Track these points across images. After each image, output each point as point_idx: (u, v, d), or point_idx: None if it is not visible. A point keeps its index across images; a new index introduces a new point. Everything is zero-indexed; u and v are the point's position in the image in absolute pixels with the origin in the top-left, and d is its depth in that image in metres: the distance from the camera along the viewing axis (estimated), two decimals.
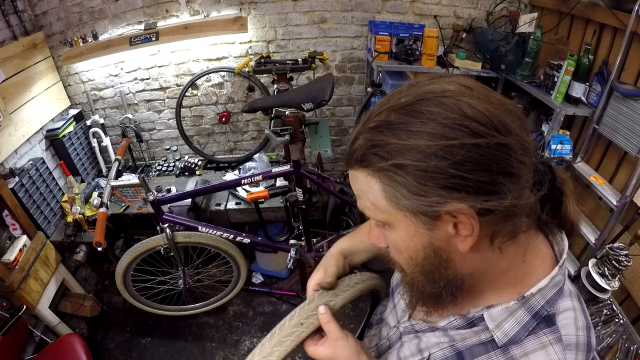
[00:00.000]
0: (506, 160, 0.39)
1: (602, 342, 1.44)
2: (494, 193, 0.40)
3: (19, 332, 1.73)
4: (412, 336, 0.61)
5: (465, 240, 0.43)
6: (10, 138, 1.94)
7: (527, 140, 0.42)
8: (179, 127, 2.51)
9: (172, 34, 2.21)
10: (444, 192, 0.40)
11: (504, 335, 0.49)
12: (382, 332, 0.71)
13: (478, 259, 0.47)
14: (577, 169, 1.77)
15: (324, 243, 2.02)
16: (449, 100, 0.40)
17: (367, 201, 0.47)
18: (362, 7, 2.31)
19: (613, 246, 1.44)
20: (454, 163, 0.38)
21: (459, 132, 0.39)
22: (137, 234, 2.23)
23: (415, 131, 0.40)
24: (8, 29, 1.99)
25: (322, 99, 1.59)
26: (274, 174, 1.73)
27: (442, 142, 0.39)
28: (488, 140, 0.39)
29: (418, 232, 0.45)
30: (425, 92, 0.42)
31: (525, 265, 0.50)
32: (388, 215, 0.45)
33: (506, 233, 0.45)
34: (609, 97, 1.58)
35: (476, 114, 0.39)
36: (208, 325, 2.37)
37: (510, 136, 0.40)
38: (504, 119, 0.40)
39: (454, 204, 0.40)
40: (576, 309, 0.49)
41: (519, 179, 0.41)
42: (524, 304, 0.49)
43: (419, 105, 0.41)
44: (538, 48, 1.90)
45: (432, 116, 0.40)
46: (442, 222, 0.43)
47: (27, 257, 1.82)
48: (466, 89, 0.42)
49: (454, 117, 0.39)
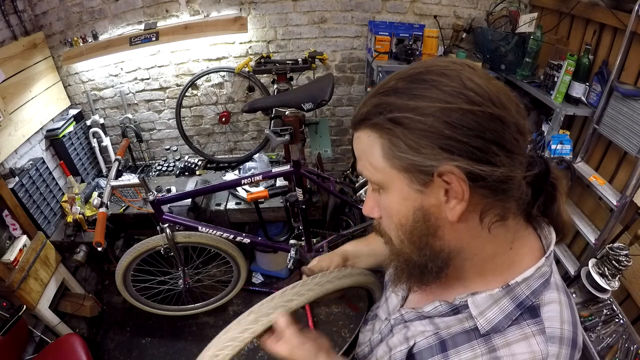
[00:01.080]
0: (500, 132, 0.42)
1: (602, 342, 1.44)
2: (486, 161, 0.42)
3: (19, 332, 1.73)
4: (401, 326, 0.62)
5: (454, 208, 0.44)
6: (10, 138, 1.94)
7: (522, 124, 0.44)
8: (179, 127, 2.51)
9: (172, 34, 2.21)
10: (438, 151, 0.42)
11: (487, 322, 0.49)
12: (375, 327, 0.72)
13: (466, 234, 0.48)
14: (577, 169, 1.77)
15: (324, 243, 2.02)
16: (452, 72, 0.43)
17: (367, 161, 0.49)
18: (362, 7, 2.31)
19: (613, 246, 1.44)
20: (450, 125, 0.41)
21: (457, 98, 0.41)
22: (137, 234, 2.23)
23: (417, 95, 0.43)
24: (8, 29, 1.99)
25: (322, 99, 1.59)
26: (274, 174, 1.73)
27: (440, 105, 0.41)
28: (483, 109, 0.41)
29: (410, 194, 0.46)
30: (432, 64, 0.45)
31: (513, 253, 0.51)
32: (384, 175, 0.47)
33: (496, 213, 0.46)
34: (609, 97, 1.58)
35: (475, 86, 0.42)
36: (208, 325, 2.37)
37: (505, 110, 0.42)
38: (501, 97, 0.43)
39: (446, 164, 0.42)
40: (562, 302, 0.49)
41: (512, 155, 0.43)
42: (509, 292, 0.49)
43: (425, 75, 0.44)
44: (538, 48, 1.89)
45: (435, 83, 0.43)
46: (434, 185, 0.44)
47: (27, 257, 1.82)
48: (469, 67, 0.45)
49: (454, 86, 0.42)
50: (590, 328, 1.48)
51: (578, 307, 1.56)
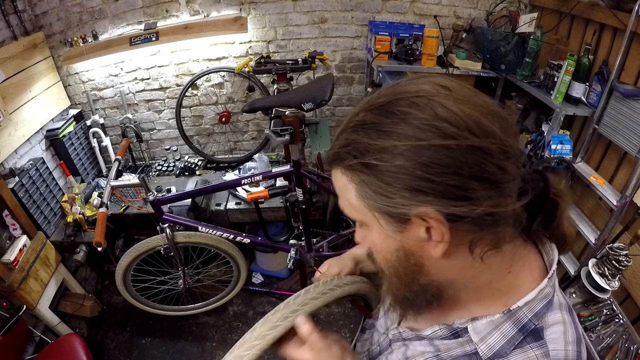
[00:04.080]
0: (480, 165, 0.38)
1: (602, 342, 1.44)
2: (465, 199, 0.38)
3: (19, 332, 1.73)
4: (400, 344, 0.60)
5: (437, 246, 0.42)
6: (10, 138, 1.94)
7: (510, 145, 0.40)
8: (179, 127, 2.51)
9: (172, 34, 2.21)
10: (409, 194, 0.39)
11: (489, 349, 0.47)
12: (373, 337, 0.70)
13: (456, 267, 0.46)
14: (577, 169, 1.76)
15: (324, 243, 2.02)
16: (422, 100, 0.40)
17: (345, 200, 0.47)
18: (362, 7, 2.31)
19: (613, 246, 1.44)
20: (421, 164, 0.37)
21: (428, 133, 0.38)
22: (137, 234, 2.23)
23: (385, 131, 0.39)
24: (8, 29, 1.99)
25: (322, 99, 1.59)
26: (274, 174, 1.73)
27: (410, 143, 0.38)
28: (459, 142, 0.37)
29: (389, 235, 0.44)
30: (400, 92, 0.41)
31: (512, 277, 0.48)
32: (362, 215, 0.45)
33: (487, 243, 0.43)
34: (609, 97, 1.58)
35: (448, 115, 0.38)
36: (208, 325, 2.37)
37: (486, 139, 0.38)
38: (482, 120, 0.39)
39: (420, 207, 0.39)
40: (566, 322, 0.47)
41: (498, 186, 0.39)
42: (510, 317, 0.47)
43: (393, 106, 0.41)
44: (538, 48, 1.89)
45: (403, 116, 0.39)
46: (412, 225, 0.41)
47: (27, 257, 1.82)
48: (443, 89, 0.41)
49: (424, 118, 0.38)
50: (590, 328, 1.48)
51: (578, 307, 1.56)
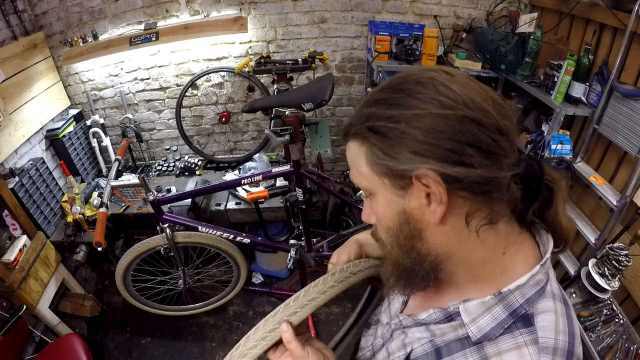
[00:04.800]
0: (474, 133, 0.42)
1: (602, 342, 1.44)
2: (461, 163, 0.42)
3: (19, 332, 1.73)
4: (400, 332, 0.62)
5: (435, 210, 0.45)
6: (10, 138, 1.94)
7: (504, 125, 0.44)
8: (179, 127, 2.51)
9: (172, 34, 2.21)
10: (411, 155, 0.44)
11: (478, 330, 0.49)
12: (377, 332, 0.72)
13: (453, 237, 0.48)
14: (577, 169, 1.77)
15: (324, 243, 2.02)
16: (426, 80, 0.45)
17: (355, 169, 0.51)
18: (362, 7, 2.31)
19: (613, 246, 1.44)
20: (421, 130, 0.43)
21: (429, 104, 0.43)
22: (137, 234, 2.23)
23: (393, 104, 0.45)
24: (8, 29, 1.99)
25: (322, 99, 1.59)
26: (274, 174, 1.73)
27: (413, 112, 0.43)
28: (455, 112, 0.42)
29: (393, 198, 0.48)
30: (409, 74, 0.47)
31: (506, 259, 0.50)
32: (369, 181, 0.49)
33: (483, 216, 0.46)
34: (609, 97, 1.58)
35: (447, 91, 0.43)
36: (208, 325, 2.37)
37: (480, 112, 0.43)
38: (476, 98, 0.43)
39: (421, 168, 0.43)
40: (558, 311, 0.48)
41: (492, 156, 0.43)
42: (502, 300, 0.49)
43: (402, 84, 0.46)
44: (538, 48, 1.89)
45: (409, 92, 0.45)
46: (414, 189, 0.45)
47: (27, 257, 1.82)
48: (446, 74, 0.46)
49: (427, 93, 0.44)
50: (590, 328, 1.48)
51: (578, 307, 1.56)
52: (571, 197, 1.88)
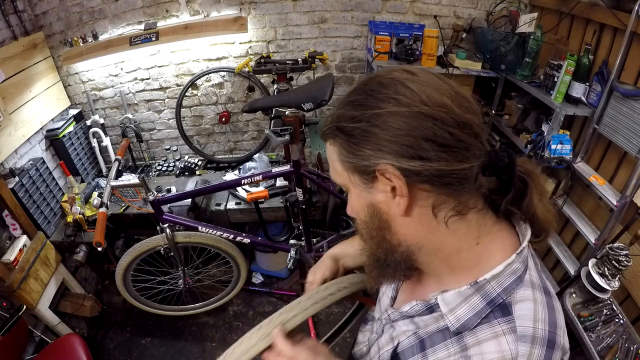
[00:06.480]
0: (430, 129, 0.44)
1: (602, 342, 1.44)
2: (418, 157, 0.44)
3: (19, 332, 1.73)
4: (388, 326, 0.63)
5: (399, 203, 0.47)
6: (10, 138, 1.94)
7: (465, 118, 0.45)
8: (179, 127, 2.51)
9: (172, 34, 2.21)
10: (373, 152, 0.46)
11: (457, 320, 0.50)
12: (373, 327, 0.73)
13: (422, 229, 0.50)
14: (577, 169, 1.77)
15: (324, 243, 2.02)
16: (387, 81, 0.48)
17: (332, 167, 0.54)
18: (362, 7, 2.31)
19: (613, 246, 1.44)
20: (380, 128, 0.45)
21: (387, 104, 0.46)
22: (137, 234, 2.23)
23: (357, 105, 0.48)
24: (8, 29, 1.99)
25: (322, 99, 1.59)
26: (274, 174, 1.74)
27: (373, 111, 0.46)
28: (410, 109, 0.44)
29: (362, 193, 0.51)
30: (374, 77, 0.50)
31: (480, 249, 0.51)
32: (343, 178, 0.52)
33: (451, 207, 0.47)
34: (609, 97, 1.58)
35: (405, 91, 0.46)
36: (208, 325, 2.37)
37: (437, 108, 0.44)
38: (434, 95, 0.45)
39: (381, 163, 0.46)
40: (537, 300, 0.48)
41: (450, 150, 0.44)
42: (479, 290, 0.49)
43: (366, 86, 0.50)
44: (538, 48, 1.89)
45: (372, 93, 0.48)
46: (379, 183, 0.48)
47: (27, 257, 1.82)
48: (408, 73, 0.48)
49: (386, 93, 0.47)
50: (590, 328, 1.48)
51: (578, 307, 1.56)
52: (571, 197, 1.89)
